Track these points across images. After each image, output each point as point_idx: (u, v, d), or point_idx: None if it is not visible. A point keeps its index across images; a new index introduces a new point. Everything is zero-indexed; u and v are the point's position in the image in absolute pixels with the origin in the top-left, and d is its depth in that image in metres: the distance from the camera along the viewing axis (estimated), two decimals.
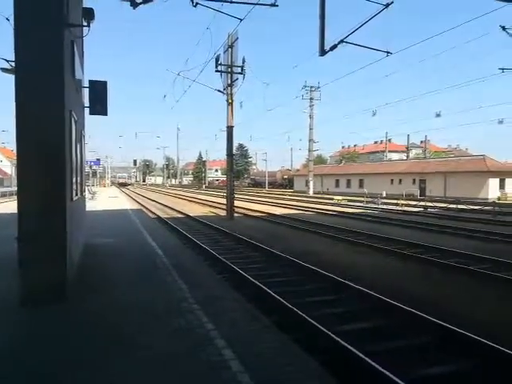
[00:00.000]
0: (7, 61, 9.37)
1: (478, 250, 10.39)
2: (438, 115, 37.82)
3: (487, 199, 32.54)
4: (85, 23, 6.80)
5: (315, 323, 4.95)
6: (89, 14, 6.70)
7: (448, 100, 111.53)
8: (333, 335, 4.58)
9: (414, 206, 27.91)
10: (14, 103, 4.73)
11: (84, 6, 8.17)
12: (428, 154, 68.67)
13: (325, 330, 4.74)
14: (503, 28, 13.48)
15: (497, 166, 36.57)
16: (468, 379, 3.97)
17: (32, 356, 3.48)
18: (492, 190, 34.58)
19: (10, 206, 20.39)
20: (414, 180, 41.24)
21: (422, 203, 28.84)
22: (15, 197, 34.36)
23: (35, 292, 4.77)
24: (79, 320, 4.42)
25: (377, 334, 4.99)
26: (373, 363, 3.86)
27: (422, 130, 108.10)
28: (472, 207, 24.72)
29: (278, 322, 4.84)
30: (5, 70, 9.24)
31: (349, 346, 4.27)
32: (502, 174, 35.74)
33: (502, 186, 35.52)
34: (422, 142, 75.41)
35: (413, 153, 79.48)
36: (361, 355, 4.05)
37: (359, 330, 5.11)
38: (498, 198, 33.70)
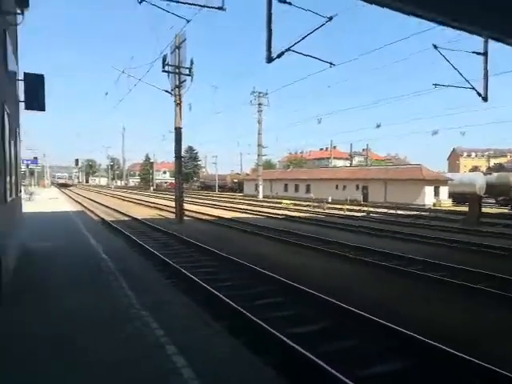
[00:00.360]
0: None
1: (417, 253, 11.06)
2: (378, 126, 40.00)
3: (424, 205, 34.85)
4: (19, 11, 6.33)
5: (265, 325, 4.96)
6: (22, 2, 6.24)
7: (387, 111, 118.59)
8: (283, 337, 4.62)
9: (358, 210, 29.17)
10: None
11: None
12: (369, 162, 72.22)
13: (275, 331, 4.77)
14: (435, 46, 14.52)
15: (431, 175, 39.26)
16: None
17: None
18: (428, 197, 37.07)
19: None
20: (358, 186, 43.11)
21: (365, 208, 30.20)
22: None
23: None
24: (13, 327, 4.06)
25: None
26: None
27: (364, 139, 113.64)
28: (410, 213, 26.32)
29: (230, 327, 4.79)
30: None
31: (296, 346, 4.31)
32: (436, 183, 38.44)
33: (436, 193, 38.18)
34: (363, 150, 79.19)
35: (356, 160, 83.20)
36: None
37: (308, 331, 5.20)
38: (434, 205, 36.22)
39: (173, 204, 22.45)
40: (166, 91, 20.67)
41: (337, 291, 6.96)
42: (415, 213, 26.37)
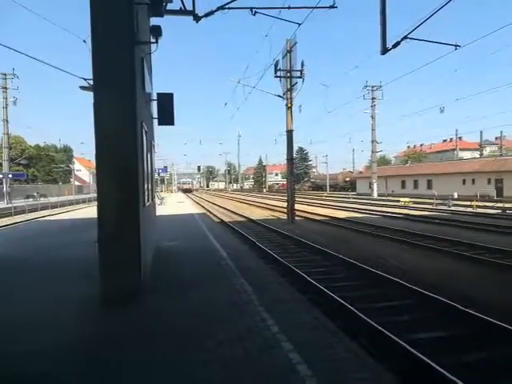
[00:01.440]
0: (85, 79, 10.37)
1: None
2: None
3: None
4: (153, 40, 7.23)
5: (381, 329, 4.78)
6: (157, 31, 7.12)
7: None
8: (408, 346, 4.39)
9: (491, 207, 25.78)
10: (92, 118, 5.17)
11: (152, 23, 8.71)
12: (504, 151, 62.96)
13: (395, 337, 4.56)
14: None
15: None
16: None
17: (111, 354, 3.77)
18: None
19: (91, 212, 22.20)
20: (490, 179, 38.04)
21: (500, 204, 26.51)
22: (94, 202, 37.32)
23: (113, 292, 5.15)
24: (153, 319, 4.69)
25: None
26: None
27: (497, 126, 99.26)
28: None
29: (344, 328, 4.74)
30: (83, 87, 10.20)
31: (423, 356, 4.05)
32: None
33: None
34: (497, 138, 69.51)
35: (487, 150, 73.47)
36: None
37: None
38: None
39: (284, 205, 22.96)
40: (278, 96, 21.28)
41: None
42: None
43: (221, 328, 4.25)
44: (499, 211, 23.55)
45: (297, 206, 22.39)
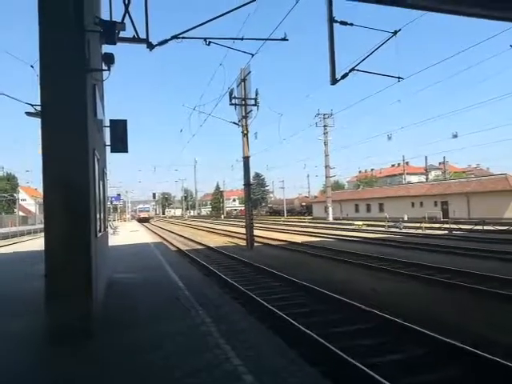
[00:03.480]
0: (32, 105, 9.89)
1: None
2: (454, 136, 37.44)
3: None
4: (105, 67, 7.12)
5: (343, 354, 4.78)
6: (109, 59, 7.02)
7: (463, 121, 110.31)
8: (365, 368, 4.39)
9: (438, 228, 27.23)
10: (39, 145, 4.92)
11: (104, 51, 8.60)
12: (448, 175, 67.43)
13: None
14: None
15: None
16: None
17: None
18: None
19: (37, 243, 20.84)
20: (436, 202, 40.38)
21: (446, 225, 28.09)
22: (40, 234, 35.10)
23: (62, 328, 4.77)
24: (108, 356, 4.38)
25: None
26: None
27: (440, 152, 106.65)
28: (499, 228, 23.93)
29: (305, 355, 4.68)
30: (30, 113, 9.72)
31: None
32: None
33: None
34: (440, 163, 74.36)
35: (432, 175, 78.27)
36: None
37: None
38: None
39: (243, 230, 22.91)
40: (234, 123, 21.60)
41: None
42: (506, 228, 23.89)
43: (182, 361, 4.05)
44: (446, 232, 24.92)
45: (255, 232, 22.38)
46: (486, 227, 24.23)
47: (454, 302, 7.87)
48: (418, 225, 28.74)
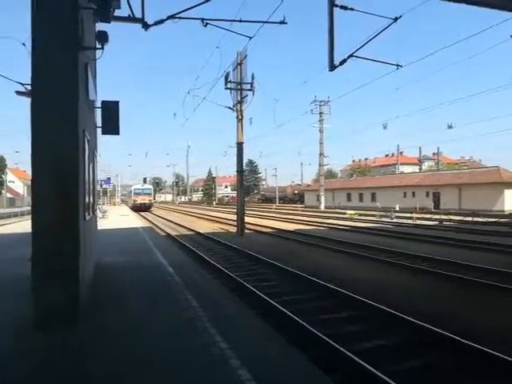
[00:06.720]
0: (22, 84, 9.62)
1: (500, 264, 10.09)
2: (450, 127, 37.40)
3: (503, 211, 31.90)
4: (99, 46, 6.92)
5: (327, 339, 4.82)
6: (103, 37, 6.81)
7: (460, 112, 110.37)
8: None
9: (429, 219, 27.48)
10: (29, 125, 4.79)
11: (98, 29, 8.37)
12: (441, 166, 67.93)
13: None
14: None
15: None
16: None
17: None
18: (508, 202, 33.89)
19: (23, 226, 20.64)
20: (428, 193, 40.68)
21: (437, 216, 28.37)
22: (27, 216, 34.68)
23: (48, 314, 4.72)
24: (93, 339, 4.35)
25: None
26: None
27: (434, 143, 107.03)
28: (489, 219, 24.23)
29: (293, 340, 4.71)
30: (20, 93, 9.46)
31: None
32: None
33: None
34: (434, 154, 74.78)
35: (425, 165, 78.76)
36: None
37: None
38: None
39: (234, 217, 22.89)
40: (229, 107, 21.34)
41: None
42: (495, 220, 24.20)
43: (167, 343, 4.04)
44: (437, 223, 25.17)
45: (246, 219, 22.39)
46: (476, 219, 24.51)
47: (430, 288, 7.99)
48: (409, 215, 28.97)
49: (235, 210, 22.33)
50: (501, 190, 34.11)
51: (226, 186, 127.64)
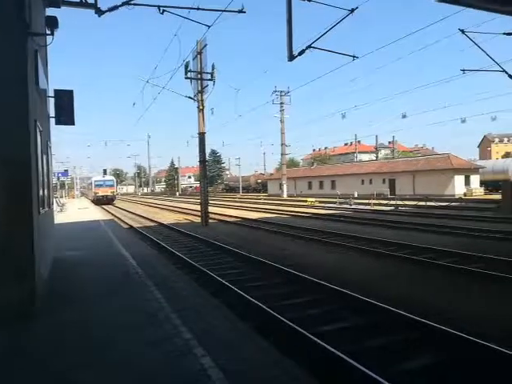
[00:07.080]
0: None
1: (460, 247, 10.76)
2: (404, 116, 39.00)
3: (454, 195, 33.88)
4: (48, 32, 6.61)
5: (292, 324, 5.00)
6: (52, 23, 6.50)
7: (413, 101, 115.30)
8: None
9: (385, 205, 28.64)
10: None
11: (47, 14, 7.98)
12: (396, 154, 70.70)
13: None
14: (462, 31, 14.13)
15: (461, 164, 38.07)
16: None
17: None
18: (458, 187, 35.99)
19: None
20: (384, 180, 42.34)
21: (393, 202, 29.62)
22: None
23: (3, 309, 4.56)
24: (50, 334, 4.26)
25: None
26: None
27: (390, 131, 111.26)
28: (441, 204, 25.64)
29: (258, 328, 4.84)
30: None
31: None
32: (466, 171, 37.26)
33: (467, 182, 37.01)
34: (390, 142, 77.62)
35: (382, 153, 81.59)
36: None
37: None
38: (464, 194, 35.15)
39: (198, 208, 22.77)
40: (189, 97, 21.00)
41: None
42: (445, 204, 25.66)
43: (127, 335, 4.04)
44: (393, 208, 26.31)
45: (211, 209, 22.34)
46: (428, 203, 25.85)
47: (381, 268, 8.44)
48: (367, 201, 30.05)
49: (199, 201, 22.20)
50: (451, 176, 36.13)
51: (190, 177, 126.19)
